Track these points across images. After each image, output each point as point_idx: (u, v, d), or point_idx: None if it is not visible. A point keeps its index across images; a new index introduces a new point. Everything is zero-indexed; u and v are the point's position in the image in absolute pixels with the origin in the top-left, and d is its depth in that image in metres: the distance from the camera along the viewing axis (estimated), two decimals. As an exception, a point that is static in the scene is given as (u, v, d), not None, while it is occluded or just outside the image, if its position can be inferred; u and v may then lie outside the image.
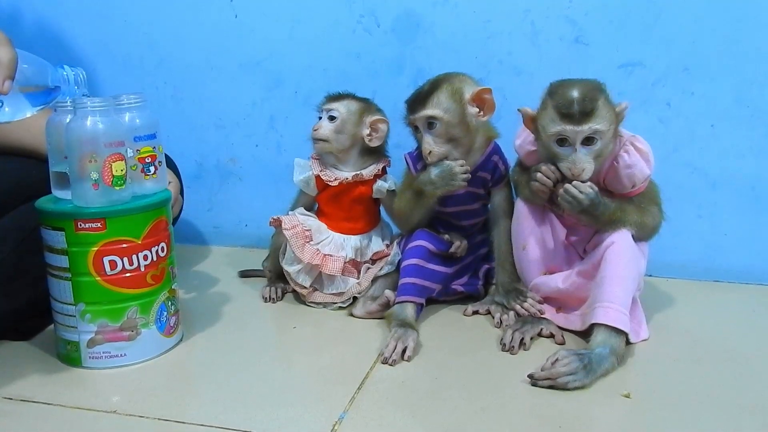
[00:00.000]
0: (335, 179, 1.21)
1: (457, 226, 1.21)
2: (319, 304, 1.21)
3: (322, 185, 1.22)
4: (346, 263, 1.20)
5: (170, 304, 1.03)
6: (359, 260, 1.23)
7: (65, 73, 0.92)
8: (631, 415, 0.87)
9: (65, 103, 0.97)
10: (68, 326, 0.98)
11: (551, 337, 1.07)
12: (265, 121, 1.51)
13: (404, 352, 1.00)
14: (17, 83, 0.85)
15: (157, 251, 1.00)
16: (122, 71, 1.55)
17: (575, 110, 0.97)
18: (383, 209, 1.28)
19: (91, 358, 0.98)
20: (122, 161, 0.95)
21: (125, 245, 0.96)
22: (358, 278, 1.21)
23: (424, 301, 1.13)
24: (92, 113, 0.92)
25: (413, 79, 1.37)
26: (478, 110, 1.10)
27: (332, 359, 1.02)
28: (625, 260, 1.01)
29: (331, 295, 1.21)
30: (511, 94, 1.30)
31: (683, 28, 1.26)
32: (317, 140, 1.20)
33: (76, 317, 0.97)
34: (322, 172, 1.21)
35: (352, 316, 1.18)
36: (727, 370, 0.97)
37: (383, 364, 0.99)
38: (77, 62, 1.00)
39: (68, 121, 0.94)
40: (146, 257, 0.98)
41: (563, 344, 1.05)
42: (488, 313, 1.17)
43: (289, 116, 1.49)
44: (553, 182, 1.03)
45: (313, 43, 1.44)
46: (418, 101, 1.10)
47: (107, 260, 0.95)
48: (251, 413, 0.86)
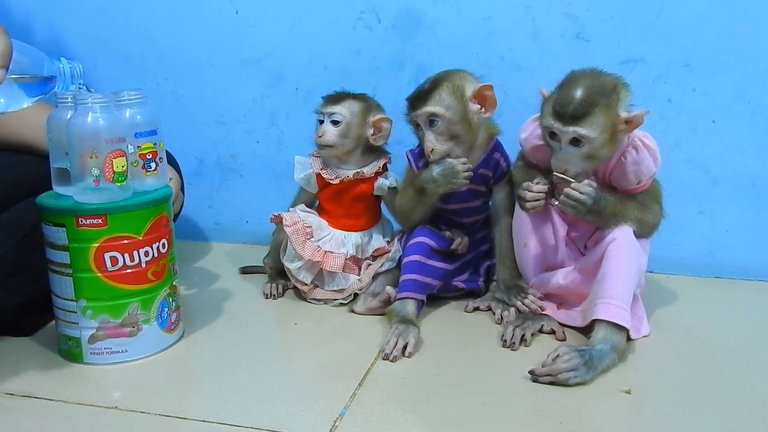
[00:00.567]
0: (336, 177, 1.20)
1: (458, 222, 1.21)
2: (320, 300, 1.21)
3: (323, 183, 1.22)
4: (347, 260, 1.20)
5: (171, 300, 1.04)
6: (360, 257, 1.23)
7: (61, 65, 0.92)
8: (631, 411, 0.87)
9: (66, 99, 0.97)
10: (69, 322, 0.98)
11: (552, 333, 1.07)
12: (265, 117, 1.51)
13: (405, 348, 1.00)
14: (11, 73, 0.84)
15: (158, 247, 1.00)
16: (123, 67, 1.55)
17: (566, 111, 0.97)
18: (384, 206, 1.28)
19: (92, 354, 0.98)
20: (123, 157, 0.95)
21: (126, 241, 0.96)
22: (358, 275, 1.21)
23: (425, 297, 1.13)
24: (93, 109, 0.92)
25: (414, 75, 1.37)
26: (479, 107, 1.10)
27: (333, 355, 1.02)
28: (626, 257, 1.01)
29: (332, 291, 1.21)
30: (512, 90, 1.31)
31: (684, 24, 1.26)
32: (323, 147, 1.19)
33: (77, 313, 0.97)
34: (322, 170, 1.21)
35: (352, 312, 1.18)
36: (727, 366, 0.97)
37: (384, 360, 0.99)
38: (78, 59, 0.99)
39: (69, 117, 0.94)
40: (147, 253, 0.98)
41: (564, 340, 1.05)
42: (489, 309, 1.17)
43: (290, 113, 1.49)
44: (546, 195, 1.05)
45: (313, 39, 1.44)
46: (419, 99, 1.10)
47: (108, 256, 0.95)
48: (252, 409, 0.86)
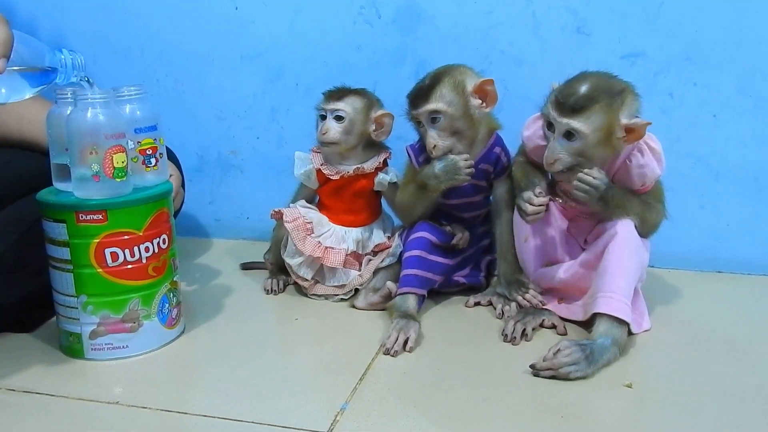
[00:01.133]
0: (336, 173, 1.20)
1: (459, 217, 1.20)
2: (320, 296, 1.21)
3: (323, 179, 1.22)
4: (347, 255, 1.20)
5: (172, 295, 1.04)
6: (361, 252, 1.22)
7: (63, 56, 0.91)
8: (632, 405, 0.87)
9: (66, 94, 0.97)
10: (70, 318, 0.98)
11: (553, 327, 1.07)
12: (266, 113, 1.51)
13: (406, 343, 1.00)
14: (13, 64, 0.83)
15: (158, 243, 1.00)
16: (123, 63, 1.54)
17: (566, 102, 0.97)
18: (384, 201, 1.28)
19: (93, 349, 0.98)
20: (123, 153, 0.95)
21: (127, 237, 0.96)
22: (359, 270, 1.21)
23: (425, 292, 1.13)
24: (93, 105, 0.92)
25: (414, 70, 1.37)
26: (480, 102, 1.10)
27: (334, 350, 1.02)
28: (627, 251, 1.01)
29: (332, 287, 1.21)
30: (512, 85, 1.30)
31: (685, 18, 1.26)
32: (327, 144, 1.19)
33: (78, 309, 0.97)
34: (323, 165, 1.21)
35: (353, 307, 1.18)
36: (728, 360, 0.97)
37: (385, 355, 0.99)
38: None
39: (69, 113, 0.94)
40: (148, 249, 0.98)
41: (565, 335, 1.05)
42: (490, 304, 1.17)
43: (290, 108, 1.49)
44: (546, 204, 1.05)
45: (313, 34, 1.44)
46: (420, 96, 1.09)
47: (109, 252, 0.95)
48: (253, 404, 0.87)
